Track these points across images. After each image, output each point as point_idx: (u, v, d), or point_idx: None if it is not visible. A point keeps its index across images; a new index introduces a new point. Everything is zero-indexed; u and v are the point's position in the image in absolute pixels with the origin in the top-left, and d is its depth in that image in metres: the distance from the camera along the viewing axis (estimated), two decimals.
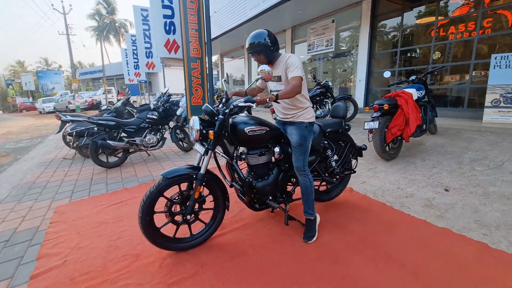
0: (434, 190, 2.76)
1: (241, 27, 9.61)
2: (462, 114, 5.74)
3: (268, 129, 1.96)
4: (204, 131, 1.82)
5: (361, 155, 2.61)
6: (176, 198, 1.93)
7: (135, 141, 4.38)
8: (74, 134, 4.83)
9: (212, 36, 11.68)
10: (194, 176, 1.86)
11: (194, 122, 1.79)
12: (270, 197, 2.09)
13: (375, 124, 3.40)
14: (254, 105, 1.71)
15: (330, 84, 5.81)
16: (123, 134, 4.44)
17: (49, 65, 47.36)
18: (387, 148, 3.65)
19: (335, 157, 2.46)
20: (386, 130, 3.50)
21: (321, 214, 2.44)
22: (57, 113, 5.04)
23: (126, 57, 12.66)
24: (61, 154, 5.54)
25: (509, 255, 1.78)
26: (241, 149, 2.10)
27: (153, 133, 4.65)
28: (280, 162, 2.13)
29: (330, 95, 5.90)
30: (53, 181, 3.85)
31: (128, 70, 12.82)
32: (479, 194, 2.59)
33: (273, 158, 2.09)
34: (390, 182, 3.05)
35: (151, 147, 4.56)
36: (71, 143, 5.15)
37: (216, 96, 5.43)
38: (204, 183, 1.91)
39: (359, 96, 7.54)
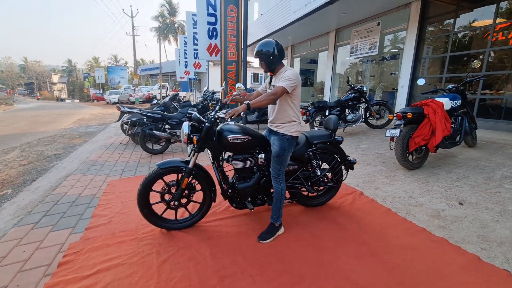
0: (447, 202, 2.72)
1: (286, 29, 9.78)
2: None
3: (250, 138, 2.14)
4: (192, 136, 2.03)
5: (352, 168, 2.67)
6: (164, 188, 2.25)
7: (176, 132, 5.02)
8: (129, 123, 5.71)
9: (258, 37, 12.20)
10: (184, 169, 2.17)
11: (184, 127, 2.01)
12: (249, 198, 2.30)
13: (396, 132, 3.40)
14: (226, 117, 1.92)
15: (364, 88, 5.74)
16: (167, 126, 5.11)
17: (117, 62, 53.91)
18: (410, 157, 3.60)
19: (324, 167, 2.57)
20: (410, 138, 3.47)
21: (322, 212, 2.64)
22: (118, 104, 6.00)
23: (179, 57, 13.95)
24: (119, 139, 6.55)
25: (498, 269, 1.79)
26: (228, 153, 2.29)
27: None
28: (264, 167, 2.31)
29: (364, 100, 5.83)
30: (110, 161, 4.68)
31: (179, 69, 14.12)
32: (496, 211, 2.49)
33: (260, 162, 2.27)
34: (404, 190, 3.06)
35: None
36: (126, 131, 6.08)
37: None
38: (191, 176, 2.21)
39: (400, 103, 7.20)
